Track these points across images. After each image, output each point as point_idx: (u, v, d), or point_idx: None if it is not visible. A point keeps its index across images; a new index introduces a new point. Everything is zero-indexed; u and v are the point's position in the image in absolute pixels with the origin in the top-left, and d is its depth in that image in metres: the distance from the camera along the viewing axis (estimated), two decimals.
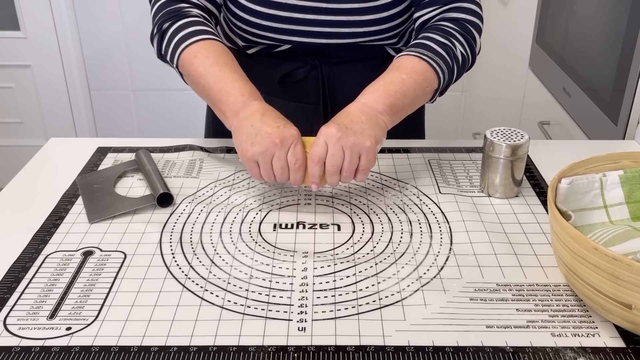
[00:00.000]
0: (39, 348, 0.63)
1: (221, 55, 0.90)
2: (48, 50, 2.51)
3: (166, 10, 0.95)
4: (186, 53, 0.91)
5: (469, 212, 0.86)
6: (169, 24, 0.94)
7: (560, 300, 0.69)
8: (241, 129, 0.83)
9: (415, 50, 0.91)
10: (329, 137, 0.80)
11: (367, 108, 0.84)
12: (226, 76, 0.88)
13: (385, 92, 0.86)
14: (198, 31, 0.92)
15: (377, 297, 0.70)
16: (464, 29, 0.95)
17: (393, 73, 0.89)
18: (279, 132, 0.80)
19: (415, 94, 0.88)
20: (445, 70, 0.91)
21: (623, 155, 0.77)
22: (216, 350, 0.62)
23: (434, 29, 0.94)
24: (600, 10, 1.30)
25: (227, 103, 0.86)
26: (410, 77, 0.87)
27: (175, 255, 0.78)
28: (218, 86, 0.87)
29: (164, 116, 2.63)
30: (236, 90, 0.86)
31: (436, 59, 0.90)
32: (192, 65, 0.90)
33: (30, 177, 0.98)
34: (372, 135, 0.81)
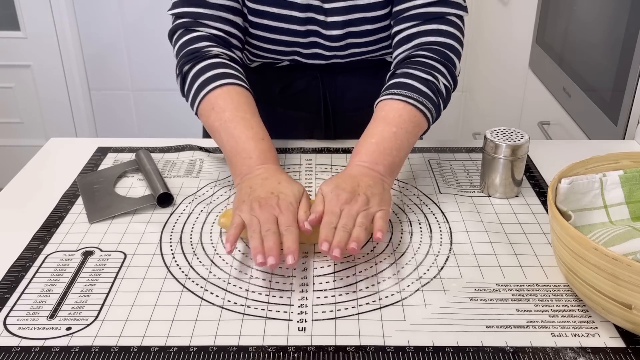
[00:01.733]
0: (39, 348, 0.63)
1: (238, 107, 0.87)
2: (48, 50, 2.51)
3: (186, 51, 0.93)
4: (204, 104, 0.89)
5: (469, 212, 0.86)
6: (189, 67, 0.91)
7: (560, 300, 0.69)
8: (240, 190, 0.81)
9: (399, 93, 0.87)
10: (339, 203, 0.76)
11: (370, 171, 0.81)
12: (238, 134, 0.85)
13: (381, 152, 0.83)
14: (216, 76, 0.89)
15: (377, 297, 0.70)
16: (444, 57, 0.91)
17: (382, 126, 0.85)
18: (272, 199, 0.77)
19: (409, 143, 0.86)
20: (432, 109, 0.88)
21: (623, 155, 0.77)
22: (216, 350, 0.62)
23: (413, 64, 0.90)
24: (600, 10, 1.30)
25: (236, 165, 0.84)
26: (400, 128, 0.85)
27: (175, 255, 0.78)
28: (230, 144, 0.85)
29: (164, 116, 2.63)
30: (245, 153, 0.84)
31: (422, 99, 0.87)
32: (209, 119, 0.88)
33: (30, 177, 0.98)
34: (383, 201, 0.78)
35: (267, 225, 0.73)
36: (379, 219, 0.75)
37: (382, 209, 0.76)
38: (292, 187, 0.79)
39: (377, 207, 0.76)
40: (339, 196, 0.76)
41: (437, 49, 0.91)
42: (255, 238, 0.72)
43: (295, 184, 0.80)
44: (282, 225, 0.73)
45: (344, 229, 0.72)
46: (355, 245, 0.71)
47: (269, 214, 0.74)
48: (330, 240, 0.71)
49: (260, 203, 0.76)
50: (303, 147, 1.05)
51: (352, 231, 0.73)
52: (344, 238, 0.71)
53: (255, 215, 0.75)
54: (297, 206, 0.77)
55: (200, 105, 0.90)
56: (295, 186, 0.79)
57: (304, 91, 1.10)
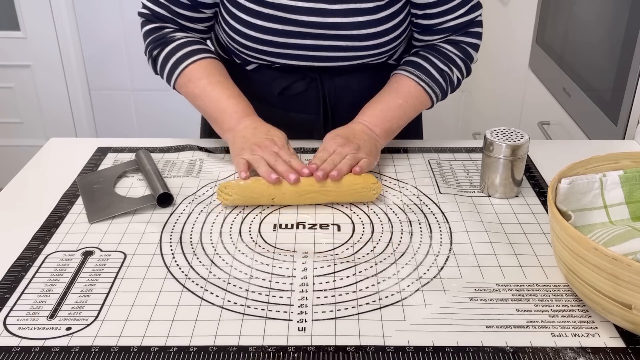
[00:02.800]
0: (39, 348, 0.63)
1: (212, 74, 0.98)
2: (48, 50, 2.51)
3: (152, 37, 1.03)
4: (181, 78, 0.99)
5: (469, 212, 0.86)
6: (157, 51, 1.02)
7: (560, 300, 0.69)
8: (235, 141, 0.92)
9: (413, 72, 0.99)
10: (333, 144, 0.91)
11: (368, 130, 0.95)
12: (219, 95, 0.97)
13: (383, 117, 0.97)
14: (186, 54, 0.99)
15: (377, 297, 0.70)
16: (464, 54, 1.02)
17: (391, 96, 0.99)
18: (266, 142, 0.90)
19: (409, 116, 0.99)
20: (439, 94, 1.00)
21: (623, 155, 0.77)
22: (216, 350, 0.62)
23: (435, 51, 1.01)
24: (600, 10, 1.30)
25: (223, 121, 0.96)
26: (406, 101, 0.98)
27: (175, 255, 0.78)
28: (213, 105, 0.96)
29: (164, 116, 2.63)
30: (230, 108, 0.95)
31: (432, 85, 0.99)
32: (187, 88, 0.99)
33: (30, 177, 0.98)
34: (372, 153, 0.92)
35: (272, 158, 0.87)
36: (363, 161, 0.89)
37: (368, 158, 0.90)
38: (281, 133, 0.93)
39: (365, 155, 0.90)
40: (335, 139, 0.92)
41: (460, 46, 1.02)
42: (263, 165, 0.86)
43: (281, 131, 0.94)
44: (285, 157, 0.88)
45: (331, 162, 0.88)
46: (336, 174, 0.85)
47: (270, 151, 0.88)
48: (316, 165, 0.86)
49: (259, 145, 0.89)
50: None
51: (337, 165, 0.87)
52: (328, 166, 0.87)
53: (258, 154, 0.88)
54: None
55: (177, 80, 1.00)
56: (282, 132, 0.94)
57: (303, 93, 1.09)
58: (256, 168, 0.87)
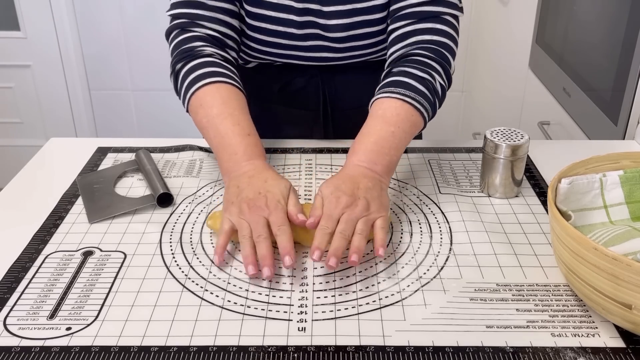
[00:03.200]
0: (39, 348, 0.63)
1: (226, 104, 0.87)
2: (48, 50, 2.51)
3: (179, 50, 0.93)
4: (193, 101, 0.89)
5: (469, 212, 0.86)
6: (181, 65, 0.92)
7: (560, 300, 0.69)
8: (228, 189, 0.81)
9: (396, 92, 0.86)
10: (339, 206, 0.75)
11: (368, 172, 0.81)
12: (225, 131, 0.85)
13: (379, 152, 0.82)
14: (207, 74, 0.89)
15: (377, 297, 0.70)
16: (440, 56, 0.91)
17: (380, 125, 0.84)
18: (260, 200, 0.76)
19: (405, 142, 0.86)
20: (428, 109, 0.88)
21: (623, 155, 0.77)
22: (216, 350, 0.62)
23: (410, 62, 0.90)
24: (600, 10, 1.30)
25: (222, 161, 0.85)
26: (398, 127, 0.84)
27: (175, 255, 0.78)
28: (217, 140, 0.86)
29: (164, 116, 2.63)
30: (231, 148, 0.84)
31: (419, 98, 0.86)
32: (197, 115, 0.89)
33: (30, 177, 0.98)
34: (382, 205, 0.77)
35: (258, 229, 0.73)
36: (379, 230, 0.74)
37: (381, 216, 0.76)
38: (279, 185, 0.78)
39: (377, 213, 0.76)
40: (339, 199, 0.75)
41: (433, 48, 0.91)
42: (246, 244, 0.72)
43: (282, 180, 0.80)
44: (274, 226, 0.73)
45: (342, 236, 0.71)
46: (356, 258, 0.70)
47: (259, 216, 0.74)
48: (322, 248, 0.70)
49: (249, 205, 0.75)
50: (303, 147, 1.05)
51: (350, 238, 0.72)
52: (341, 245, 0.71)
53: (245, 219, 0.75)
54: (286, 203, 0.76)
55: (190, 102, 0.90)
56: (282, 183, 0.79)
57: (303, 89, 1.10)
58: (240, 242, 0.74)
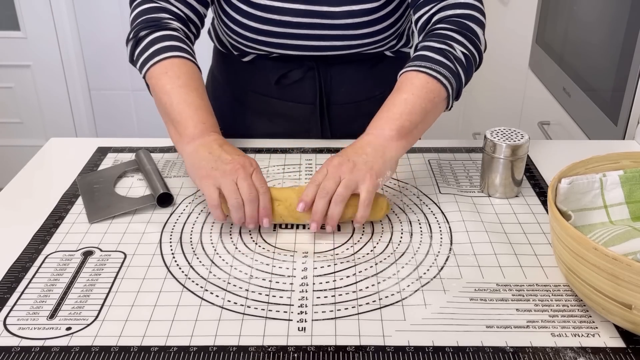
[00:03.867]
0: (39, 348, 0.63)
1: (192, 79, 0.90)
2: (48, 50, 2.51)
3: (145, 18, 0.94)
4: (157, 67, 0.90)
5: (469, 212, 0.86)
6: (146, 32, 0.93)
7: (560, 300, 0.69)
8: (198, 153, 0.82)
9: (412, 65, 0.87)
10: (329, 166, 0.80)
11: (375, 138, 0.82)
12: (191, 100, 0.87)
13: (389, 117, 0.83)
14: (174, 47, 0.91)
15: (377, 297, 0.70)
16: (462, 27, 0.90)
17: (394, 95, 0.85)
18: (240, 159, 0.81)
19: (424, 108, 0.84)
20: (448, 76, 0.86)
21: (623, 155, 0.77)
22: (216, 350, 0.62)
23: (430, 36, 0.90)
24: (600, 10, 1.30)
25: (186, 127, 0.85)
26: (411, 94, 0.84)
27: (175, 255, 0.78)
28: (180, 107, 0.87)
29: None
30: (198, 117, 0.86)
31: (435, 67, 0.85)
32: (160, 80, 0.89)
33: (30, 177, 0.98)
34: (373, 170, 0.79)
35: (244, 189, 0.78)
36: (360, 205, 0.78)
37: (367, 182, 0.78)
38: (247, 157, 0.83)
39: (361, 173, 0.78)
40: (332, 160, 0.81)
41: (455, 20, 0.91)
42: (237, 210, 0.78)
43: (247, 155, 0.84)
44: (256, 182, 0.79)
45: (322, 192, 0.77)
46: (329, 229, 0.78)
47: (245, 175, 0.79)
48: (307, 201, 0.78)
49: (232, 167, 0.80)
50: (303, 147, 1.05)
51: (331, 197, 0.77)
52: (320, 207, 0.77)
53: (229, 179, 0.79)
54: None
55: (152, 68, 0.91)
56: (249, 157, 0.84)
57: (299, 82, 1.09)
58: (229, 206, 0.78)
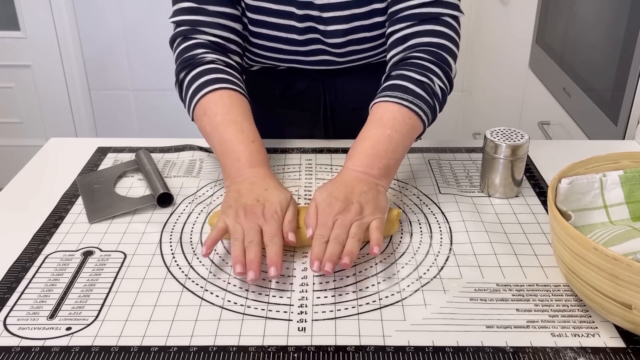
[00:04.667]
0: (39, 348, 0.63)
1: (230, 111, 0.87)
2: (48, 50, 2.51)
3: (182, 59, 0.93)
4: (197, 109, 0.89)
5: (469, 212, 0.86)
6: (184, 74, 0.92)
7: (560, 300, 0.69)
8: (228, 193, 0.81)
9: (393, 95, 0.85)
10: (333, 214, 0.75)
11: (364, 176, 0.80)
12: (228, 138, 0.85)
13: (376, 155, 0.81)
14: (209, 81, 0.89)
15: (377, 297, 0.70)
16: (439, 59, 0.90)
17: (377, 129, 0.84)
18: (258, 205, 0.76)
19: (404, 145, 0.84)
20: (427, 111, 0.86)
21: (623, 155, 0.77)
22: (216, 350, 0.62)
23: (408, 65, 0.89)
24: (600, 10, 1.30)
25: (225, 167, 0.85)
26: (395, 130, 0.83)
27: (175, 255, 0.78)
28: (220, 147, 0.86)
29: (164, 116, 2.63)
30: (234, 155, 0.84)
31: (416, 101, 0.85)
32: (201, 123, 0.89)
33: (30, 177, 0.98)
34: (378, 208, 0.77)
35: (250, 235, 0.73)
36: (374, 230, 0.74)
37: (376, 218, 0.75)
38: (278, 195, 0.78)
39: (371, 215, 0.75)
40: (332, 206, 0.75)
41: (432, 50, 0.90)
42: (237, 247, 0.72)
43: (283, 190, 0.80)
44: (266, 235, 0.73)
45: (336, 241, 0.71)
46: (348, 260, 0.70)
47: (254, 223, 0.74)
48: (321, 258, 0.70)
49: (245, 210, 0.76)
50: (303, 147, 1.05)
51: (345, 243, 0.72)
52: (336, 250, 0.71)
53: (240, 223, 0.75)
54: (283, 215, 0.76)
55: (194, 111, 0.90)
56: (282, 193, 0.79)
57: (304, 92, 1.10)
58: (231, 244, 0.73)
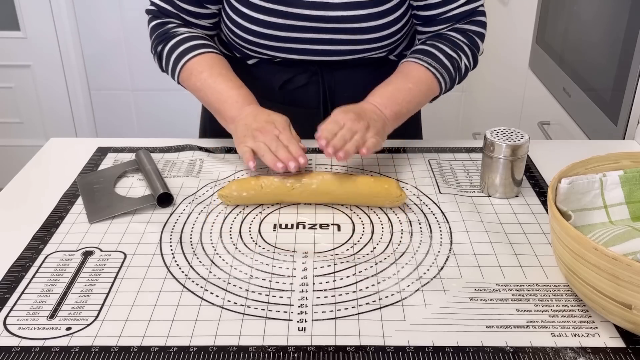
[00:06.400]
0: (39, 348, 0.63)
1: (214, 66, 0.99)
2: (48, 50, 2.50)
3: (157, 33, 1.04)
4: (183, 73, 1.00)
5: (469, 212, 0.86)
6: (162, 46, 1.03)
7: (560, 300, 0.69)
8: (237, 129, 0.92)
9: (423, 59, 0.98)
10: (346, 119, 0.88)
11: (378, 111, 0.93)
12: (221, 87, 0.97)
13: (393, 99, 0.95)
14: (188, 48, 1.00)
15: (377, 297, 0.70)
16: (471, 41, 1.02)
17: (401, 80, 0.98)
18: (269, 124, 0.90)
19: (419, 101, 0.98)
20: (448, 82, 1.00)
21: (623, 155, 0.77)
22: (216, 350, 0.62)
23: (442, 39, 1.01)
24: (600, 10, 1.30)
25: (225, 111, 0.96)
26: (416, 86, 0.97)
27: (175, 255, 0.78)
28: (215, 96, 0.97)
29: (164, 116, 2.63)
30: (231, 99, 0.95)
31: (442, 71, 0.98)
32: (189, 82, 1.00)
33: (30, 177, 0.98)
34: (379, 134, 0.89)
35: (274, 144, 0.87)
36: (370, 140, 0.87)
37: (376, 138, 0.88)
38: (281, 116, 0.93)
39: (373, 134, 0.88)
40: (346, 114, 0.89)
41: (466, 34, 1.02)
42: (268, 155, 0.86)
43: (282, 115, 0.93)
44: (284, 140, 0.88)
45: (341, 138, 0.85)
46: (343, 155, 0.84)
47: (272, 135, 0.88)
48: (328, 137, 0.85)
49: (260, 131, 0.89)
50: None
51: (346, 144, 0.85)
52: (338, 142, 0.85)
53: (260, 141, 0.88)
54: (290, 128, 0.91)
55: (180, 75, 1.01)
56: (282, 115, 0.93)
57: (304, 86, 1.10)
58: (261, 157, 0.87)
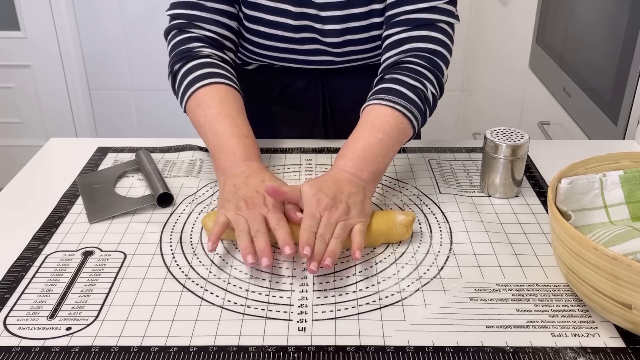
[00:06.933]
0: (39, 348, 0.63)
1: (225, 104, 0.88)
2: (48, 50, 2.51)
3: (178, 51, 0.94)
4: (191, 100, 0.90)
5: (469, 212, 0.86)
6: (179, 66, 0.93)
7: (560, 300, 0.69)
8: (225, 187, 0.81)
9: (386, 99, 0.86)
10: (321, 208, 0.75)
11: (354, 177, 0.80)
12: (223, 131, 0.86)
13: (367, 158, 0.82)
14: (205, 75, 0.90)
15: (377, 297, 0.70)
16: (433, 65, 0.90)
17: (369, 132, 0.84)
18: (258, 196, 0.77)
19: (394, 150, 0.85)
20: (418, 117, 0.87)
21: (623, 155, 0.77)
22: (216, 350, 0.62)
23: (402, 70, 0.89)
24: (600, 10, 1.30)
25: (219, 160, 0.85)
26: (387, 135, 0.84)
27: (175, 255, 0.78)
28: (214, 140, 0.86)
29: (164, 116, 2.63)
30: (229, 148, 0.85)
31: (409, 106, 0.86)
32: (195, 115, 0.89)
33: (30, 177, 0.98)
34: (363, 213, 0.77)
35: (256, 225, 0.73)
36: (357, 234, 0.74)
37: (360, 221, 0.76)
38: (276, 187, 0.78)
39: (357, 218, 0.76)
40: (320, 200, 0.75)
41: (426, 56, 0.91)
42: (243, 238, 0.72)
43: (278, 182, 0.81)
44: (272, 222, 0.74)
45: (321, 239, 0.72)
46: (330, 262, 0.70)
47: (257, 213, 0.74)
48: (311, 245, 0.71)
49: (246, 202, 0.76)
50: (303, 147, 1.05)
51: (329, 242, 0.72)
52: (320, 249, 0.71)
53: (242, 215, 0.75)
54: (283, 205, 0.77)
55: (188, 102, 0.91)
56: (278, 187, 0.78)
57: (303, 91, 1.10)
58: (236, 235, 0.74)
